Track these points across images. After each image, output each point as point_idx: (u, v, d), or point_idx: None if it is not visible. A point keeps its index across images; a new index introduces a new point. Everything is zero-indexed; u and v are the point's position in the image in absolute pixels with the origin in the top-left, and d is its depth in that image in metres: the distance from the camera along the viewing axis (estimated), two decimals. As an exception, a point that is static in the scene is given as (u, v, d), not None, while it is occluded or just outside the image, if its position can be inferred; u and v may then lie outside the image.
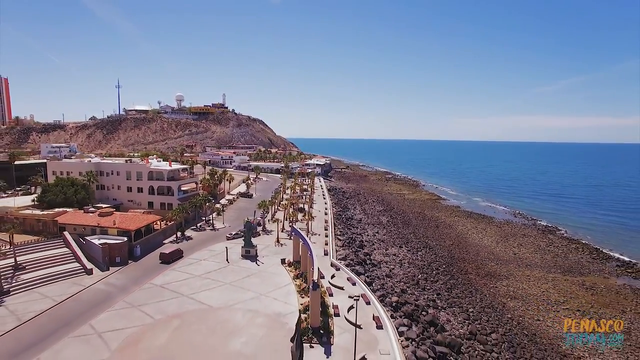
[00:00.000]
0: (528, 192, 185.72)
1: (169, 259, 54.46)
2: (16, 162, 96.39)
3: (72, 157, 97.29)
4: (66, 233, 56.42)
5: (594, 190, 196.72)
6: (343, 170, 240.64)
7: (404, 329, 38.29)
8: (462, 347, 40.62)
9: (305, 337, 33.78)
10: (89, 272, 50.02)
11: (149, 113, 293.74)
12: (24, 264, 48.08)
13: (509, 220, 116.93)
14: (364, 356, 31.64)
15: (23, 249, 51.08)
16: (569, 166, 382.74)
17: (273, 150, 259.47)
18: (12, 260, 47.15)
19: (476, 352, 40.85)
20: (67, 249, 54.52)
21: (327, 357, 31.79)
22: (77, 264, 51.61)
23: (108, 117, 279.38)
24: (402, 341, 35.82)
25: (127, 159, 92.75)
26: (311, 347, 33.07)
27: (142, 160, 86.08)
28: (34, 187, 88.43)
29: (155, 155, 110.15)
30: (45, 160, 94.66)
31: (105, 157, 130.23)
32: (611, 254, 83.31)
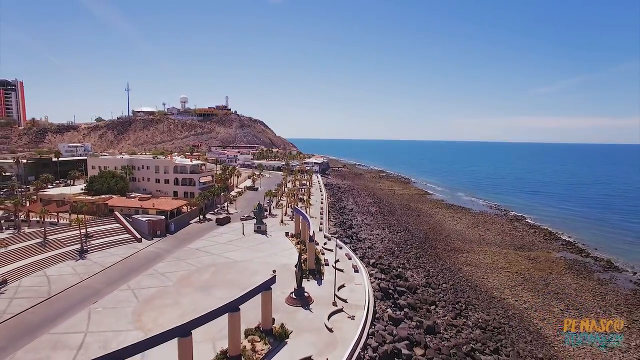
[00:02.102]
0: (509, 188, 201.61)
1: (222, 222, 77.76)
2: (60, 159, 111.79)
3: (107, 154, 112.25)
4: (116, 212, 71.86)
5: (571, 187, 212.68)
6: (340, 168, 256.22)
7: (373, 272, 53.94)
8: (417, 290, 56.20)
9: (304, 275, 49.20)
10: (139, 240, 65.49)
11: (155, 114, 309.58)
12: (91, 234, 63.52)
13: (484, 211, 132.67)
14: (343, 284, 47.20)
15: (88, 223, 66.38)
16: (557, 166, 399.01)
17: (274, 150, 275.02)
18: (84, 230, 62.46)
19: (428, 293, 56.39)
20: (118, 224, 69.83)
21: (319, 286, 47.35)
22: (128, 235, 66.96)
23: (118, 118, 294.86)
24: (371, 280, 51.36)
25: (153, 155, 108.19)
26: (308, 280, 48.48)
27: (166, 156, 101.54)
28: (73, 180, 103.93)
29: (176, 153, 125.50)
30: (85, 157, 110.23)
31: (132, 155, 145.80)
32: (562, 236, 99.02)
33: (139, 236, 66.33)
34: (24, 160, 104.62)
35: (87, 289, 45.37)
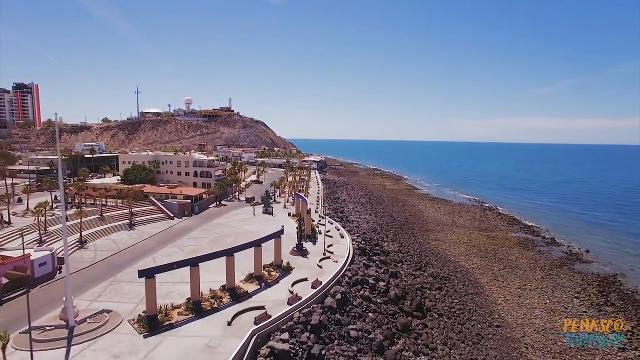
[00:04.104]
0: (493, 185, 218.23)
1: (250, 201, 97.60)
2: (94, 156, 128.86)
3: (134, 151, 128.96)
4: (151, 197, 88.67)
5: (552, 184, 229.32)
6: (337, 167, 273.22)
7: (356, 239, 70.87)
8: (390, 254, 73.07)
9: (302, 238, 66.02)
10: (172, 218, 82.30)
11: (162, 115, 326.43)
12: (134, 212, 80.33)
13: (463, 203, 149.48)
14: (331, 244, 64.08)
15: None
16: (548, 165, 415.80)
17: (276, 149, 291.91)
18: (129, 210, 79.24)
19: (397, 256, 73.25)
20: (153, 206, 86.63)
21: (314, 245, 64.21)
22: (162, 214, 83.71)
23: (128, 119, 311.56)
24: (353, 243, 68.22)
25: (174, 152, 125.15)
26: (305, 242, 65.28)
27: (184, 153, 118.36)
28: (104, 173, 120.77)
29: (194, 150, 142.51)
30: (115, 155, 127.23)
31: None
32: (523, 222, 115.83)
33: (171, 215, 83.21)
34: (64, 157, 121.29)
35: (144, 247, 62.22)
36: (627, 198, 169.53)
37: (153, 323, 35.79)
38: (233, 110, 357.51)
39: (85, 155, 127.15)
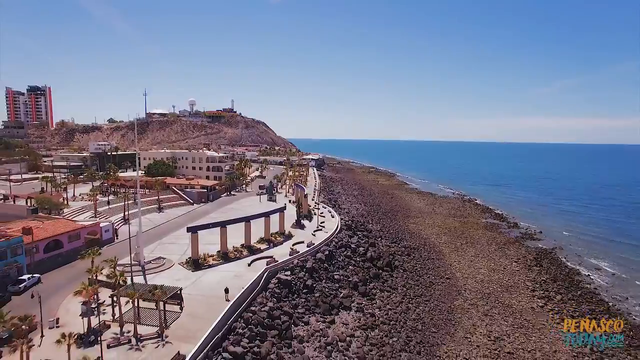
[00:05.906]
0: (479, 181, 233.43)
1: (262, 188, 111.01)
2: (117, 153, 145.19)
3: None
4: (173, 187, 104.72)
5: (535, 180, 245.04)
6: (334, 164, 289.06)
7: (343, 216, 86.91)
8: (372, 232, 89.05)
9: (300, 217, 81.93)
10: (191, 204, 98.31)
11: (168, 116, 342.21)
12: (161, 199, 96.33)
13: (446, 195, 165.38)
14: (323, 221, 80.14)
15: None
16: (538, 164, 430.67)
17: (276, 148, 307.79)
18: (158, 197, 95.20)
19: (378, 234, 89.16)
20: (174, 195, 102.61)
21: (310, 222, 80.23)
22: (183, 200, 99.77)
23: (136, 119, 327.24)
24: (341, 221, 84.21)
25: (188, 149, 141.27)
26: (303, 220, 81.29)
27: (198, 150, 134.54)
28: (125, 169, 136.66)
29: (205, 148, 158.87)
30: (138, 152, 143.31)
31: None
32: (495, 210, 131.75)
33: (190, 201, 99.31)
34: (87, 154, 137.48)
35: (175, 223, 78.23)
36: (598, 193, 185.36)
37: (197, 264, 51.95)
38: (235, 111, 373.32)
39: (111, 153, 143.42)
